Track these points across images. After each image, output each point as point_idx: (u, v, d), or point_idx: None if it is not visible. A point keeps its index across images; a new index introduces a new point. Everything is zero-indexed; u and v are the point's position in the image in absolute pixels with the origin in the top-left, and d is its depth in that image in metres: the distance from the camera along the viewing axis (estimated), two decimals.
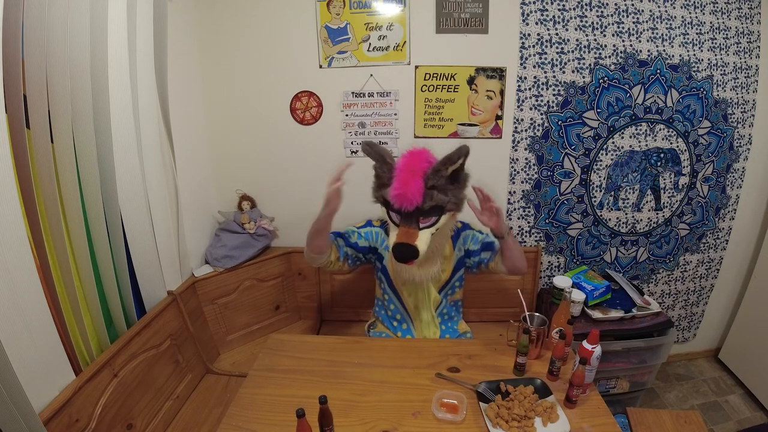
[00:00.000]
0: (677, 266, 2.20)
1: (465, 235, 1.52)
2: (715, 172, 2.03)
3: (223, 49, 1.82)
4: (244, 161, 2.00)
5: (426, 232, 1.30)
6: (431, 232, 1.31)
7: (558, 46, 1.78)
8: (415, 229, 1.29)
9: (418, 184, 1.26)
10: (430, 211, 1.29)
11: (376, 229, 1.52)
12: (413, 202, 1.25)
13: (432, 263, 1.43)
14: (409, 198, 1.25)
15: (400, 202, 1.26)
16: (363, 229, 1.52)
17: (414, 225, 1.29)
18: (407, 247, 1.26)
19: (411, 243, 1.26)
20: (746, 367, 2.18)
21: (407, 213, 1.28)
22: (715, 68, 1.86)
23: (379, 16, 1.75)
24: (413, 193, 1.25)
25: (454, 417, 1.10)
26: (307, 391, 1.19)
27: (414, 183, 1.25)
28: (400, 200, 1.26)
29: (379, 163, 1.35)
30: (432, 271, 1.44)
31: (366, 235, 1.51)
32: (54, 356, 1.07)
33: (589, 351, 1.17)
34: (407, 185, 1.25)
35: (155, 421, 1.37)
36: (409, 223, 1.29)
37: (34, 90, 1.00)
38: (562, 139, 1.91)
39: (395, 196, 1.27)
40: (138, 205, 1.41)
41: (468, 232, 1.53)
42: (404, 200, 1.25)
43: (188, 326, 1.64)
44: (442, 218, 1.33)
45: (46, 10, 0.99)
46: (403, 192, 1.25)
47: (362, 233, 1.51)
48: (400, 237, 1.28)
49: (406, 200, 1.25)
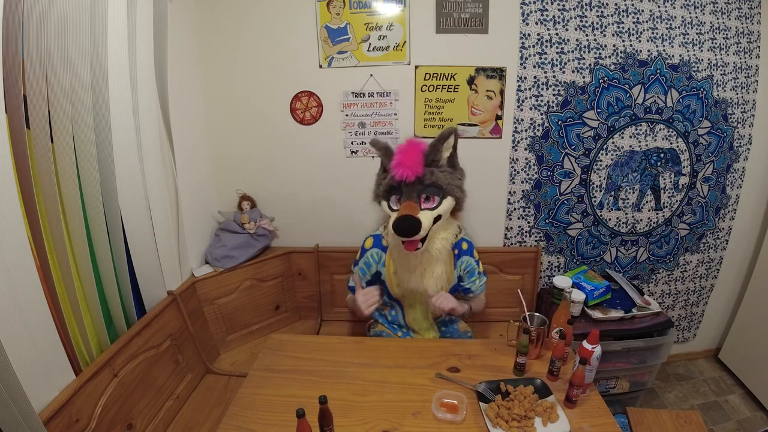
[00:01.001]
0: (677, 266, 2.20)
1: (467, 260, 1.52)
2: (715, 172, 2.03)
3: (223, 49, 1.82)
4: (244, 161, 2.00)
5: (427, 212, 1.31)
6: (433, 216, 1.32)
7: (558, 46, 1.78)
8: (416, 204, 1.31)
9: (418, 155, 1.31)
10: (430, 188, 1.32)
11: (371, 251, 1.53)
12: (414, 169, 1.29)
13: (435, 265, 1.42)
14: (410, 165, 1.28)
15: (402, 171, 1.29)
16: (362, 261, 1.54)
17: (415, 200, 1.31)
18: (408, 218, 1.26)
19: (412, 214, 1.26)
20: (746, 367, 2.18)
21: (408, 187, 1.31)
22: (715, 68, 1.86)
23: (379, 16, 1.75)
24: (413, 162, 1.29)
25: (454, 417, 1.10)
26: (307, 391, 1.19)
27: (413, 154, 1.31)
28: (401, 170, 1.29)
29: (383, 151, 1.41)
30: (437, 277, 1.43)
31: (367, 265, 1.53)
32: (54, 356, 1.07)
33: (589, 351, 1.17)
34: (407, 155, 1.30)
35: (155, 421, 1.37)
36: (410, 197, 1.31)
37: (34, 90, 1.00)
38: (562, 139, 1.91)
39: (396, 165, 1.30)
40: (138, 205, 1.41)
41: (469, 259, 1.53)
42: (405, 168, 1.28)
43: (188, 326, 1.64)
44: (444, 203, 1.34)
45: (46, 10, 0.99)
46: (403, 160, 1.29)
47: (364, 268, 1.54)
48: (401, 211, 1.29)
49: (406, 168, 1.28)
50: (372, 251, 1.52)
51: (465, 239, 1.53)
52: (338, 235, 2.08)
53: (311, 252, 2.06)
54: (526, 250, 2.07)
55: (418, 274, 1.42)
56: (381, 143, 1.42)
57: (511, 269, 2.06)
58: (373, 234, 1.56)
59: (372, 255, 1.52)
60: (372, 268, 1.52)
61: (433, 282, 1.43)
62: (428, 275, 1.42)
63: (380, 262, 1.51)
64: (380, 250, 1.51)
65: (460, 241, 1.52)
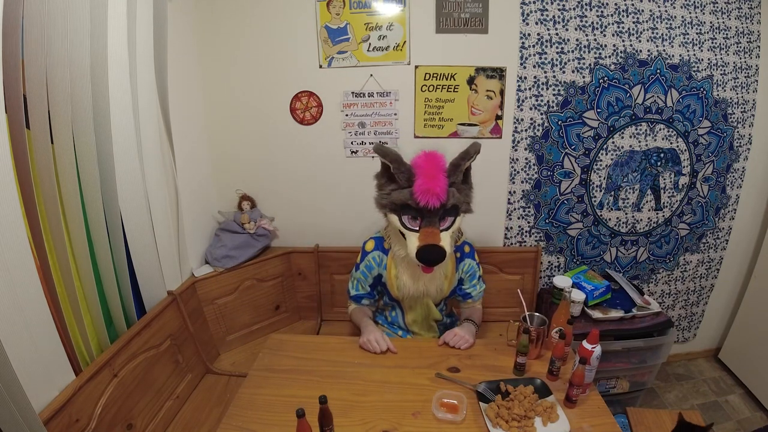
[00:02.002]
0: (677, 266, 2.20)
1: (469, 263, 1.51)
2: (715, 172, 2.03)
3: (223, 49, 1.82)
4: (244, 161, 2.00)
5: (446, 235, 1.28)
6: (450, 236, 1.29)
7: (558, 46, 1.78)
8: (437, 230, 1.26)
9: (443, 179, 1.24)
10: (449, 211, 1.28)
11: (372, 254, 1.50)
12: (440, 197, 1.22)
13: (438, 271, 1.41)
14: (437, 192, 1.22)
15: (427, 198, 1.22)
16: (363, 264, 1.51)
17: (436, 225, 1.26)
18: (434, 248, 1.23)
19: (437, 243, 1.23)
20: (746, 367, 2.18)
21: (429, 213, 1.25)
22: (715, 68, 1.86)
23: (379, 16, 1.75)
24: (441, 188, 1.22)
25: (454, 417, 1.10)
26: (307, 391, 1.19)
27: (440, 178, 1.24)
28: (426, 196, 1.22)
29: (395, 164, 1.28)
30: (438, 280, 1.44)
31: (368, 269, 1.51)
32: (54, 356, 1.07)
33: (589, 351, 1.17)
34: (434, 180, 1.22)
35: (155, 421, 1.37)
36: (431, 223, 1.26)
37: (34, 90, 1.00)
38: (562, 139, 1.91)
39: (422, 192, 1.22)
40: (138, 205, 1.41)
41: (471, 262, 1.52)
42: (431, 196, 1.21)
43: (188, 326, 1.64)
44: (457, 220, 1.31)
45: (46, 10, 0.99)
46: (431, 187, 1.22)
47: (365, 272, 1.51)
48: (425, 239, 1.24)
49: (433, 195, 1.22)
50: (373, 254, 1.50)
51: (467, 242, 1.53)
52: (338, 235, 2.08)
53: (311, 252, 2.06)
54: (526, 250, 2.07)
55: (421, 282, 1.43)
56: (392, 154, 1.28)
57: (511, 269, 2.06)
58: (374, 236, 1.54)
59: (374, 258, 1.50)
60: (374, 272, 1.51)
61: (434, 287, 1.44)
62: (430, 281, 1.43)
63: (382, 265, 1.50)
64: (382, 253, 1.50)
65: (463, 244, 1.52)
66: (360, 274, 1.53)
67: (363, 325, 1.45)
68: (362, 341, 1.38)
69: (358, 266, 1.53)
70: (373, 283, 1.53)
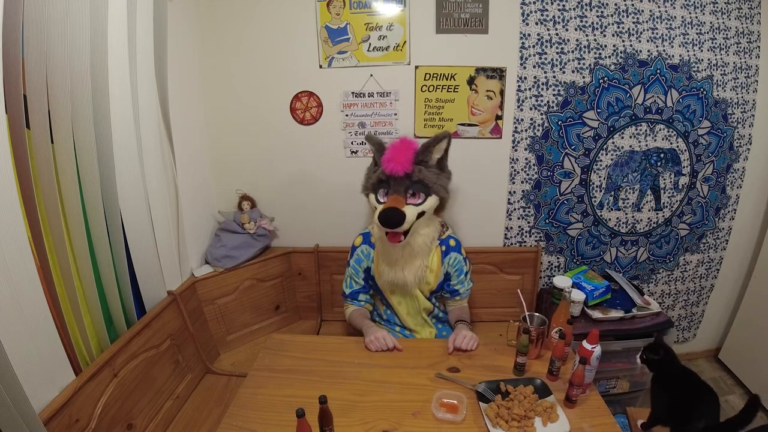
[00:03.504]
0: (677, 266, 2.20)
1: (455, 257, 1.54)
2: (715, 172, 2.03)
3: (223, 49, 1.82)
4: (244, 161, 2.00)
5: (412, 207, 1.36)
6: (417, 211, 1.37)
7: (558, 46, 1.78)
8: (402, 198, 1.36)
9: (408, 153, 1.37)
10: (417, 185, 1.37)
11: (360, 248, 1.58)
12: (404, 166, 1.34)
13: (415, 258, 1.46)
14: (400, 160, 1.34)
15: (392, 166, 1.35)
16: (353, 259, 1.59)
17: (402, 194, 1.37)
18: (394, 210, 1.32)
19: (398, 207, 1.32)
20: (746, 367, 2.18)
21: (396, 181, 1.36)
22: (715, 68, 1.86)
23: (379, 16, 1.75)
24: (404, 158, 1.35)
25: (454, 417, 1.10)
26: (307, 391, 1.19)
27: (405, 151, 1.37)
28: (391, 164, 1.35)
29: (377, 147, 1.47)
30: (416, 269, 1.47)
31: (358, 262, 1.58)
32: (54, 356, 1.07)
33: (589, 351, 1.17)
34: (398, 151, 1.37)
35: (155, 421, 1.37)
36: (397, 191, 1.37)
37: (34, 90, 1.00)
38: (562, 139, 1.91)
39: (387, 160, 1.36)
40: (138, 205, 1.41)
41: (458, 256, 1.55)
42: (395, 163, 1.34)
43: (188, 326, 1.64)
44: (429, 200, 1.39)
45: (46, 10, 0.99)
46: (395, 156, 1.36)
47: (355, 266, 1.58)
48: (387, 204, 1.35)
49: (397, 163, 1.34)
50: (362, 248, 1.57)
51: (452, 236, 1.57)
52: (338, 235, 2.08)
53: (311, 252, 2.06)
54: (526, 250, 2.07)
55: (399, 266, 1.47)
56: (375, 138, 1.50)
57: (511, 269, 2.06)
58: (362, 232, 1.61)
59: (362, 251, 1.57)
60: (363, 264, 1.57)
61: (412, 275, 1.47)
62: (408, 268, 1.47)
63: (369, 257, 1.56)
64: (369, 247, 1.57)
65: (448, 238, 1.55)
66: (351, 270, 1.58)
67: (365, 326, 1.46)
68: (368, 340, 1.39)
69: (349, 262, 1.59)
70: (365, 276, 1.58)
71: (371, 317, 1.64)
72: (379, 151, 1.45)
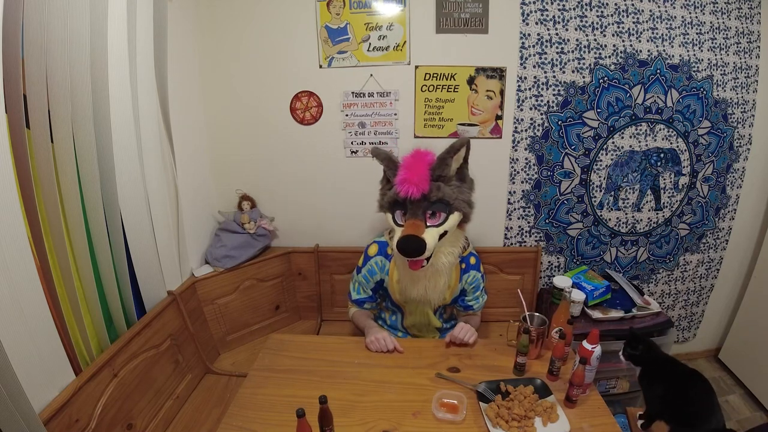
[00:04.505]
0: (677, 266, 2.20)
1: (473, 275, 1.49)
2: (715, 172, 2.03)
3: (223, 49, 1.82)
4: (244, 161, 2.00)
5: (433, 230, 1.26)
6: (439, 232, 1.27)
7: (558, 46, 1.78)
8: (421, 222, 1.25)
9: (423, 170, 1.24)
10: (437, 205, 1.26)
11: (375, 258, 1.49)
12: (420, 186, 1.22)
13: (440, 277, 1.40)
14: (415, 182, 1.22)
15: (407, 188, 1.23)
16: (365, 268, 1.50)
17: (420, 218, 1.26)
18: (413, 239, 1.22)
19: (417, 235, 1.22)
20: (746, 367, 2.18)
21: (413, 204, 1.25)
22: (715, 68, 1.86)
23: (379, 16, 1.75)
24: (419, 178, 1.23)
25: (454, 417, 1.10)
26: (307, 391, 1.19)
27: (419, 169, 1.24)
28: (406, 186, 1.23)
29: (386, 162, 1.35)
30: (440, 286, 1.41)
31: (370, 273, 1.49)
32: (54, 356, 1.07)
33: (589, 351, 1.17)
34: (412, 170, 1.24)
35: (155, 421, 1.37)
36: (415, 215, 1.26)
37: (34, 90, 1.00)
38: (562, 139, 1.91)
39: (401, 181, 1.24)
40: (138, 205, 1.41)
41: (476, 274, 1.50)
42: (410, 185, 1.22)
43: (188, 326, 1.64)
44: (450, 218, 1.29)
45: (46, 10, 0.99)
46: (409, 176, 1.23)
47: (367, 276, 1.50)
48: (405, 230, 1.25)
49: (412, 185, 1.22)
50: (376, 259, 1.48)
51: (473, 253, 1.51)
52: (338, 235, 2.08)
53: (311, 252, 2.06)
54: (526, 250, 2.07)
55: (421, 286, 1.41)
56: (382, 153, 1.36)
57: (511, 269, 2.06)
58: (377, 240, 1.51)
59: (376, 263, 1.48)
60: (376, 276, 1.49)
61: (436, 295, 1.42)
62: (432, 287, 1.41)
63: (384, 270, 1.48)
64: (384, 258, 1.48)
65: (469, 255, 1.49)
66: (362, 278, 1.51)
67: (367, 326, 1.45)
68: (369, 340, 1.37)
69: (360, 269, 1.52)
70: (375, 287, 1.53)
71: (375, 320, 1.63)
72: (390, 167, 1.33)
